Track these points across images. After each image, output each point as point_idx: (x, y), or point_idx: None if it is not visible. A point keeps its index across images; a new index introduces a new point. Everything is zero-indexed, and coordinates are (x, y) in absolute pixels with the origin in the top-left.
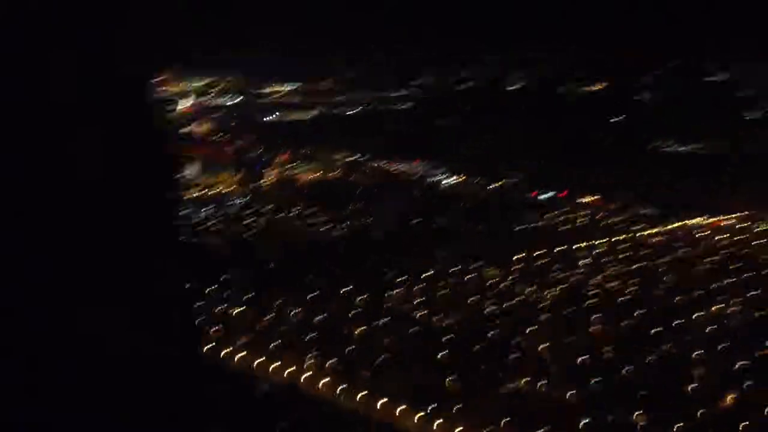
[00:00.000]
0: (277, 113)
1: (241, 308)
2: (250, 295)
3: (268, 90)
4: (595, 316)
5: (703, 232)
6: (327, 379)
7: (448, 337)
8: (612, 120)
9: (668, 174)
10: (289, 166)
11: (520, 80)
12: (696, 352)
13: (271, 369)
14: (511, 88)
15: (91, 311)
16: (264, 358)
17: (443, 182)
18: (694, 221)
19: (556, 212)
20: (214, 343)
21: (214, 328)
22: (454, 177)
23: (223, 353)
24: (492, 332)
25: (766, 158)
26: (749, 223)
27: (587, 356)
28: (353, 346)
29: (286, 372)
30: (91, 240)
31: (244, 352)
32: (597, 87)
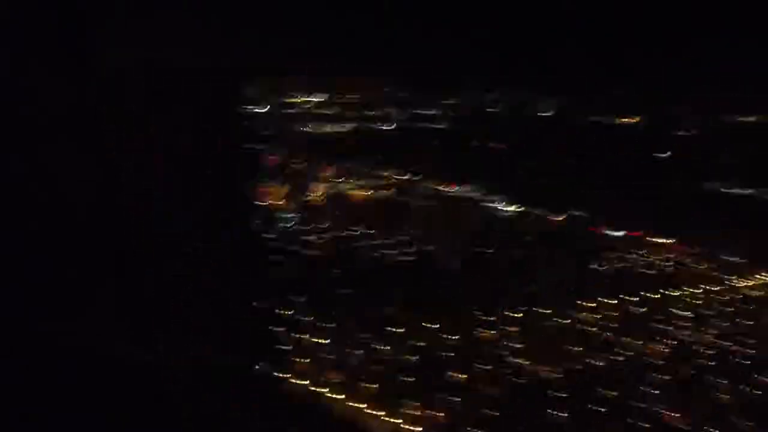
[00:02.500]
0: (310, 124)
1: (322, 339)
2: (327, 324)
3: (294, 99)
4: (720, 381)
5: None
6: None
7: (560, 393)
8: (657, 155)
9: (745, 219)
10: (336, 181)
11: (550, 107)
12: None
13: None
14: (543, 114)
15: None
16: (364, 403)
17: (502, 211)
18: None
19: (635, 254)
20: (302, 380)
21: (299, 360)
22: (513, 206)
23: (313, 391)
24: (607, 391)
25: None
26: None
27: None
28: (456, 396)
29: (390, 421)
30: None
31: (342, 395)
32: (632, 119)
